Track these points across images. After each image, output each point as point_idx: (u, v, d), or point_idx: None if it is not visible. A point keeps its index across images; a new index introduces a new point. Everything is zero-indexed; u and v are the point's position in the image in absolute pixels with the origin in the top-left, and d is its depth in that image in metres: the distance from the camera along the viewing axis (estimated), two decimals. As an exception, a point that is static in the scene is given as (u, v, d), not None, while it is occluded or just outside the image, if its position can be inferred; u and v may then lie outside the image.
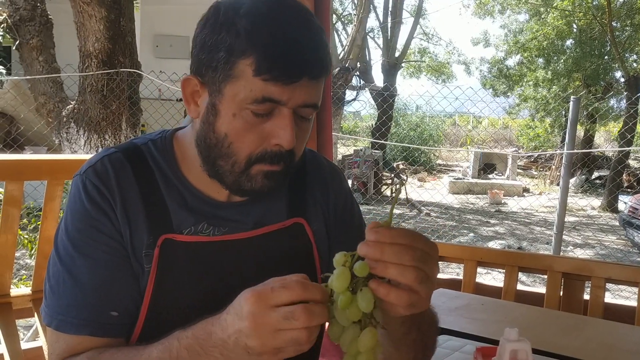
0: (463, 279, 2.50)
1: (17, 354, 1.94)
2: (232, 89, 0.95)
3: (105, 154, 1.07)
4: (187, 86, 1.02)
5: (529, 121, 18.96)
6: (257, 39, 0.92)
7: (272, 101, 0.94)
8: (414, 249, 0.80)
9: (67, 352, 1.00)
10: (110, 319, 1.00)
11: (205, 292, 1.04)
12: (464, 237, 9.35)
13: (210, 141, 1.00)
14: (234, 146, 0.98)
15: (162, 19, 11.51)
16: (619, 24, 14.14)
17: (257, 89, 0.93)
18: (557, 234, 4.92)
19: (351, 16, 18.57)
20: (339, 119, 12.24)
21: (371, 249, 0.79)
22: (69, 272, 1.00)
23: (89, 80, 5.59)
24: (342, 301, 0.80)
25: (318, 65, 0.95)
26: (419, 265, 0.80)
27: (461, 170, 17.78)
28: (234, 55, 0.94)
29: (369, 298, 0.79)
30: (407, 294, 0.80)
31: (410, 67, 23.57)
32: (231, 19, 0.94)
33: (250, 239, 1.09)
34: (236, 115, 0.96)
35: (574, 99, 5.00)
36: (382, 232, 0.80)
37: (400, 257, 0.79)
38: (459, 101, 8.87)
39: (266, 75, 0.92)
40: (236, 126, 0.96)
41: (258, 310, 0.81)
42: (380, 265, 0.79)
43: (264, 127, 0.97)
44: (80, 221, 1.01)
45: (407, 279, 0.79)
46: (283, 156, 0.99)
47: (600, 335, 1.79)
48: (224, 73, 0.95)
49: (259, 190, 1.02)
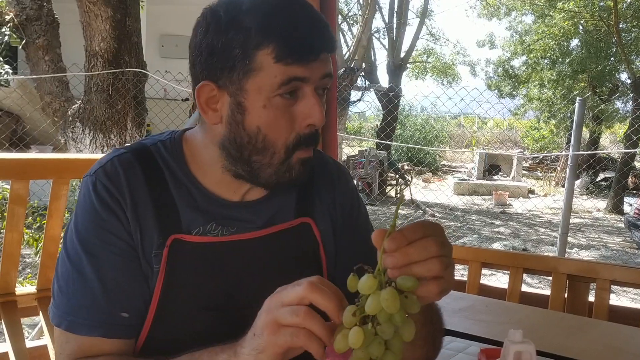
0: (467, 280, 2.49)
1: (22, 352, 1.95)
2: (255, 82, 0.96)
3: (115, 154, 1.07)
4: (202, 94, 1.01)
5: (534, 122, 18.91)
6: (270, 28, 0.94)
7: (297, 79, 0.96)
8: (429, 239, 0.80)
9: (79, 353, 1.00)
10: (121, 320, 1.01)
11: (213, 292, 1.04)
12: (468, 238, 9.33)
13: (242, 140, 1.00)
14: (268, 138, 0.99)
15: (167, 19, 11.54)
16: (625, 25, 14.09)
17: (281, 74, 0.95)
18: (562, 235, 4.91)
19: (357, 17, 18.56)
20: (344, 120, 12.25)
21: (397, 257, 0.78)
22: (78, 273, 1.00)
23: (94, 79, 5.61)
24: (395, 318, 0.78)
25: (331, 38, 1.00)
26: (440, 253, 0.80)
27: (466, 171, 17.75)
28: (250, 49, 0.95)
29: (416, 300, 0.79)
30: (435, 283, 0.80)
31: (415, 68, 23.55)
32: (236, 17, 0.96)
33: (257, 238, 1.09)
34: (266, 105, 0.97)
35: (579, 101, 4.98)
36: (398, 238, 0.79)
37: (423, 253, 0.79)
38: (464, 102, 8.87)
39: (288, 59, 0.94)
40: (269, 116, 0.98)
41: (269, 307, 0.82)
42: (405, 268, 0.79)
43: (293, 111, 0.99)
44: (90, 222, 1.01)
45: (434, 271, 0.79)
46: (315, 137, 1.02)
47: (605, 337, 1.78)
48: (243, 69, 0.96)
49: (296, 179, 1.04)
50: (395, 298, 0.76)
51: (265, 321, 0.82)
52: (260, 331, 0.82)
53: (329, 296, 0.80)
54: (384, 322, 0.77)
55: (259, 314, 0.84)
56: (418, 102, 18.57)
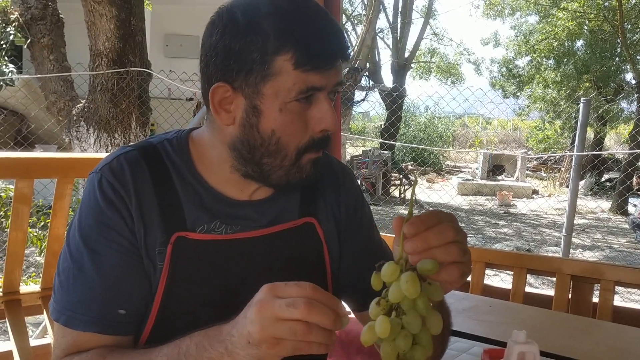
0: (471, 281, 2.49)
1: (26, 351, 1.96)
2: (272, 86, 0.97)
3: (121, 152, 1.07)
4: (215, 95, 1.01)
5: (538, 123, 18.87)
6: (290, 34, 0.95)
7: (314, 88, 0.98)
8: (446, 225, 0.83)
9: (74, 347, 1.00)
10: (118, 317, 1.01)
11: (215, 290, 1.05)
12: (472, 238, 9.32)
13: (255, 142, 1.01)
14: (282, 141, 1.00)
15: (172, 19, 11.55)
16: (630, 25, 14.04)
17: (300, 81, 0.96)
18: (566, 236, 4.89)
19: (361, 16, 18.56)
20: (347, 120, 12.24)
21: (416, 242, 0.81)
22: (79, 269, 1.01)
23: (99, 79, 5.62)
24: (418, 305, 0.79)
25: (347, 46, 1.01)
26: (457, 238, 0.83)
27: (470, 171, 17.73)
28: (268, 54, 0.95)
29: (438, 287, 0.80)
30: (456, 267, 0.82)
31: (419, 68, 23.53)
32: (255, 20, 0.96)
33: (261, 237, 1.09)
34: (282, 110, 0.98)
35: (584, 101, 4.96)
36: (417, 223, 0.81)
37: (441, 238, 0.81)
38: (468, 102, 8.86)
39: (307, 67, 0.95)
40: (285, 120, 0.99)
41: (266, 298, 0.82)
42: (425, 253, 0.81)
43: (307, 115, 1.00)
44: (93, 218, 1.02)
45: (453, 256, 0.82)
46: (327, 141, 1.04)
47: (609, 338, 1.78)
48: (261, 73, 0.97)
49: (307, 179, 1.05)
50: (415, 280, 0.78)
51: (261, 337, 0.81)
52: (257, 342, 0.82)
53: (327, 314, 0.80)
54: (408, 311, 0.78)
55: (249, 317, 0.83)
56: (422, 102, 18.56)
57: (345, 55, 1.00)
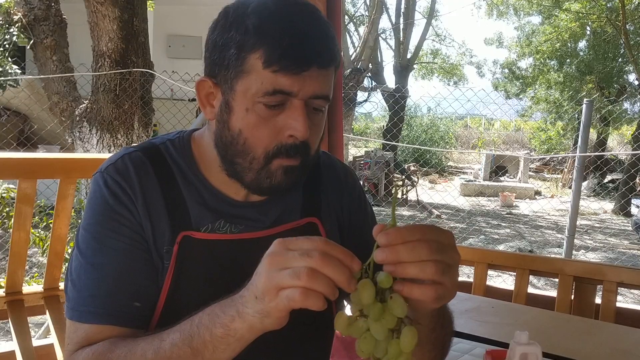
0: (473, 282, 2.49)
1: (29, 351, 1.96)
2: (243, 84, 0.96)
3: (125, 152, 1.08)
4: (202, 89, 1.03)
5: (541, 124, 18.85)
6: (265, 33, 0.94)
7: (282, 93, 0.95)
8: (428, 242, 0.79)
9: (85, 341, 1.00)
10: (132, 309, 1.01)
11: (220, 289, 1.04)
12: (474, 239, 9.31)
13: (226, 139, 1.01)
14: (249, 142, 0.99)
15: (175, 19, 11.58)
16: (633, 26, 14.02)
17: (268, 81, 0.94)
18: (569, 237, 4.88)
19: (363, 17, 18.56)
20: (350, 120, 12.25)
21: (386, 253, 0.78)
22: (90, 264, 1.01)
23: (102, 79, 5.63)
24: (374, 313, 0.78)
25: (326, 54, 0.96)
26: (436, 257, 0.79)
27: (472, 172, 17.71)
28: (244, 50, 0.95)
29: (401, 303, 0.78)
30: (432, 288, 0.79)
31: (422, 69, 23.51)
32: (240, 17, 0.96)
33: (265, 237, 1.09)
34: (249, 110, 0.97)
35: (587, 102, 4.96)
36: (392, 234, 0.79)
37: (416, 254, 0.78)
38: (470, 103, 8.85)
39: (275, 66, 0.93)
40: (250, 121, 0.97)
41: (278, 250, 0.82)
42: (399, 267, 0.78)
43: (277, 120, 0.98)
44: (101, 214, 1.02)
45: (428, 274, 0.78)
46: (299, 148, 0.99)
47: (612, 340, 1.77)
48: (235, 69, 0.96)
49: (277, 186, 1.02)
50: (367, 288, 0.78)
51: (266, 286, 0.81)
52: (261, 295, 0.81)
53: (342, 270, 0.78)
54: (375, 319, 0.78)
55: (258, 271, 0.83)
56: (424, 102, 18.54)
57: (322, 63, 0.96)
